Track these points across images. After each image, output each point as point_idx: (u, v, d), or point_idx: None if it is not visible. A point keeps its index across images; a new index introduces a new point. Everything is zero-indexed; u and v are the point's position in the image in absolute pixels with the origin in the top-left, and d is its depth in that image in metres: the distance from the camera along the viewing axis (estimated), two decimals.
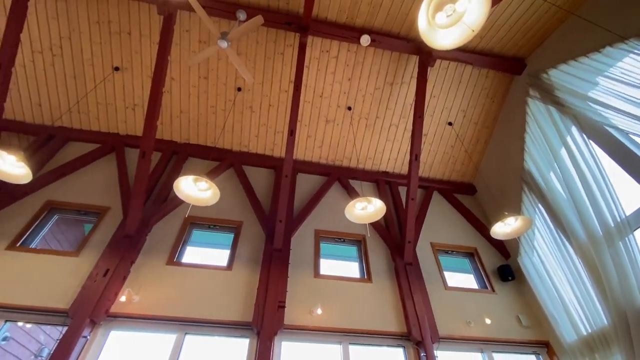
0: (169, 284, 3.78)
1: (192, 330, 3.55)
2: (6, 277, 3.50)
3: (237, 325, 3.60)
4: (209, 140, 5.42)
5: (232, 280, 3.96)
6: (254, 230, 4.59)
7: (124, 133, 5.26)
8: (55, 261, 3.73)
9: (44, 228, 4.22)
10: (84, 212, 4.43)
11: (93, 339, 3.28)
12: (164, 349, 3.37)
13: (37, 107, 5.00)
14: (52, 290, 3.47)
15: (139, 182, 3.99)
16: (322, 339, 3.75)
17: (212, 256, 4.36)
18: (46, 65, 4.74)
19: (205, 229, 4.62)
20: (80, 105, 5.01)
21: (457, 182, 6.05)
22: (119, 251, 3.82)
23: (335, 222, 4.96)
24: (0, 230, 3.89)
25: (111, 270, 3.62)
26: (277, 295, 3.79)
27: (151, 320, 3.50)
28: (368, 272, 4.47)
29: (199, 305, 3.66)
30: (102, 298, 3.39)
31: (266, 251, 4.24)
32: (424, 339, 3.74)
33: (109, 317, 3.41)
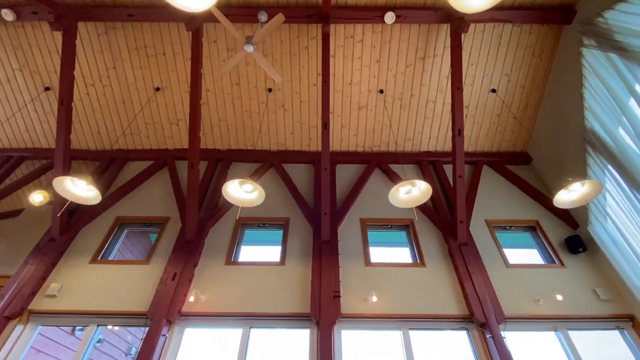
0: (229, 283, 4.04)
1: (255, 324, 3.76)
2: (92, 287, 4.00)
3: (296, 317, 3.75)
4: (248, 143, 5.62)
5: (287, 275, 4.11)
6: (301, 224, 4.70)
7: (172, 147, 5.65)
8: (131, 270, 4.17)
9: (118, 241, 4.73)
10: (148, 224, 4.87)
11: (171, 337, 3.63)
12: (233, 342, 3.62)
13: (97, 135, 5.57)
14: (131, 295, 3.89)
15: (191, 192, 4.28)
16: (381, 326, 3.76)
17: (266, 253, 4.55)
18: (99, 95, 5.24)
19: (255, 228, 4.84)
20: (131, 128, 5.47)
21: (509, 153, 5.63)
22: (183, 256, 4.16)
23: (380, 209, 4.90)
24: (83, 247, 4.44)
25: (178, 274, 3.96)
26: (331, 285, 3.87)
27: (218, 317, 3.77)
28: (420, 256, 4.37)
29: (259, 300, 3.86)
30: (174, 300, 3.73)
31: (315, 244, 4.33)
32: (488, 320, 3.58)
33: (182, 316, 3.74)
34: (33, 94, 5.26)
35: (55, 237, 4.39)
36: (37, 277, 3.98)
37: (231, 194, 3.43)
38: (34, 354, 4.15)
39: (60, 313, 3.81)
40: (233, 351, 3.54)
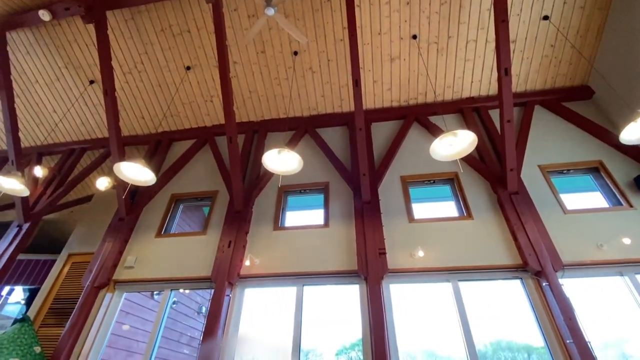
0: (279, 246, 4.29)
1: (308, 282, 4.02)
2: (161, 257, 4.49)
3: (345, 274, 3.92)
4: (281, 112, 5.62)
5: (332, 236, 4.26)
6: (341, 187, 4.74)
7: (210, 124, 5.85)
8: (191, 241, 4.59)
9: (176, 216, 5.18)
10: (199, 198, 5.24)
11: (234, 297, 4.02)
12: (290, 299, 3.93)
13: (142, 120, 5.91)
14: (195, 263, 4.31)
15: (233, 166, 4.47)
16: (430, 279, 3.81)
17: (310, 217, 4.71)
18: (137, 82, 5.48)
19: (297, 194, 4.99)
20: (170, 110, 5.72)
21: (565, 88, 5.02)
22: (234, 225, 4.46)
23: (420, 164, 4.74)
24: (147, 224, 4.93)
25: (233, 242, 4.29)
26: (375, 243, 3.94)
27: (273, 278, 4.08)
28: (467, 209, 4.23)
29: (308, 260, 4.08)
30: (232, 264, 4.08)
31: (356, 205, 4.37)
32: (544, 268, 3.45)
33: (241, 278, 4.09)
34: (80, 88, 5.65)
35: (123, 217, 4.91)
36: (115, 252, 4.55)
37: (270, 164, 3.52)
38: (123, 315, 4.87)
39: (138, 281, 4.37)
40: (290, 306, 3.86)
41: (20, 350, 3.74)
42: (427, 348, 5.52)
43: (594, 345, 3.05)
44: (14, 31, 5.24)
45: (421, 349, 5.13)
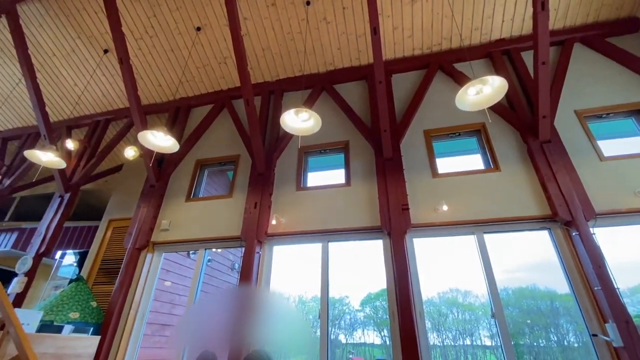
0: (303, 205, 4.39)
1: (332, 238, 4.15)
2: (193, 220, 4.74)
3: (368, 229, 4.00)
4: (296, 69, 5.43)
5: (354, 194, 4.29)
6: (362, 145, 4.66)
7: (226, 88, 5.77)
8: (219, 203, 4.78)
9: (202, 181, 5.36)
10: (222, 163, 5.35)
11: (264, 254, 4.25)
12: (316, 254, 4.10)
13: (159, 88, 5.91)
14: (225, 223, 4.53)
15: (252, 128, 4.46)
16: (454, 232, 3.83)
17: (331, 176, 4.73)
18: (149, 48, 5.39)
19: (317, 154, 4.97)
20: (185, 75, 5.66)
21: (610, 22, 4.47)
22: (258, 187, 4.57)
23: (445, 117, 4.54)
24: (176, 189, 5.15)
25: (258, 203, 4.43)
26: (398, 199, 3.95)
27: (298, 235, 4.23)
28: (494, 161, 4.09)
29: (332, 218, 4.17)
30: (259, 224, 4.25)
31: (378, 163, 4.32)
32: (575, 218, 3.36)
33: (269, 236, 4.28)
34: (96, 59, 5.65)
35: (154, 184, 5.14)
36: (150, 217, 4.84)
37: (289, 124, 3.48)
38: (164, 273, 5.31)
39: (174, 242, 4.68)
40: (317, 260, 4.04)
41: (79, 305, 4.21)
42: (450, 296, 5.72)
43: (622, 292, 3.04)
44: (24, 3, 5.19)
45: (444, 298, 5.32)
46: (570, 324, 3.61)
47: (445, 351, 7.20)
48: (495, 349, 5.81)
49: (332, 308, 3.81)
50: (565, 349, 3.65)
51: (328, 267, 3.99)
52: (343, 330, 8.82)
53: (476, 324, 6.39)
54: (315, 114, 3.35)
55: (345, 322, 8.70)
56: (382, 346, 8.89)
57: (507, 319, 3.29)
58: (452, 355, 6.89)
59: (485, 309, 5.42)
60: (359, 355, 8.69)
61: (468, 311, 6.57)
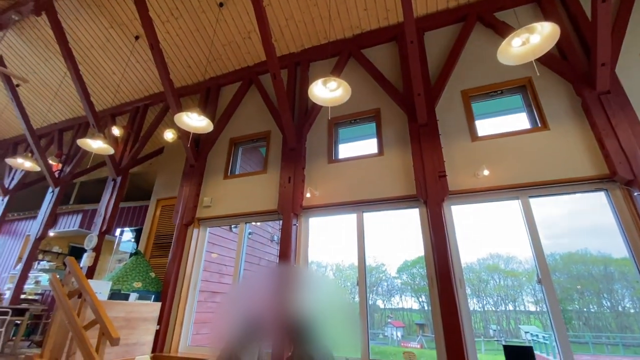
0: (336, 177, 4.40)
1: (367, 209, 4.15)
2: (232, 196, 4.96)
3: (403, 199, 3.94)
4: (321, 37, 5.22)
5: (387, 164, 4.20)
6: (394, 112, 4.48)
7: (252, 63, 5.74)
8: (254, 179, 4.94)
9: (237, 158, 5.54)
10: (255, 139, 5.46)
11: (300, 226, 4.38)
12: (352, 225, 4.15)
13: (189, 69, 6.03)
14: (262, 198, 4.70)
15: (280, 102, 4.45)
16: (496, 197, 3.65)
17: (364, 147, 4.65)
18: (176, 30, 5.45)
19: (348, 125, 4.87)
20: (212, 54, 5.69)
21: None
22: (291, 162, 4.63)
23: (485, 74, 4.18)
24: (214, 167, 5.38)
25: (292, 177, 4.51)
26: (435, 166, 3.80)
27: (333, 207, 4.29)
28: (542, 119, 3.74)
29: (365, 188, 4.15)
30: (294, 197, 4.36)
31: (412, 129, 4.15)
32: (638, 177, 3.03)
33: (304, 209, 4.39)
34: (129, 46, 5.85)
35: (193, 164, 5.41)
36: (193, 195, 5.15)
37: (317, 95, 3.41)
38: (211, 246, 5.70)
39: (216, 217, 4.97)
40: (353, 230, 4.10)
41: (140, 275, 4.70)
42: (491, 263, 5.56)
43: None
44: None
45: (484, 264, 5.18)
46: (627, 290, 3.39)
47: (486, 316, 7.14)
48: (541, 314, 5.67)
49: (369, 275, 3.89)
50: (619, 315, 3.46)
51: (364, 237, 4.03)
52: (380, 296, 9.03)
53: (519, 290, 6.25)
54: (343, 82, 3.25)
55: (383, 288, 8.88)
56: (420, 311, 9.00)
57: (554, 285, 3.16)
58: (494, 320, 6.82)
59: (530, 275, 5.24)
60: (398, 319, 8.89)
61: (511, 277, 6.41)
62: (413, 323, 8.40)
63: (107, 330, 2.70)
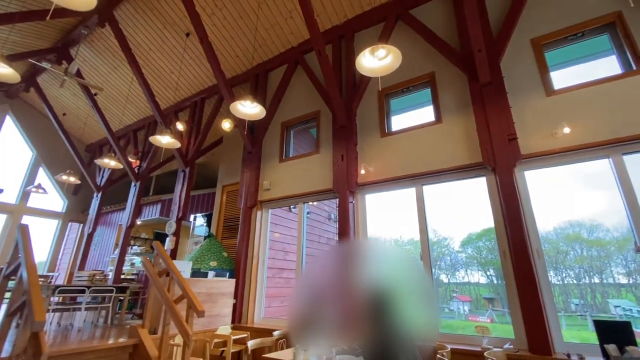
0: (390, 151, 4.26)
1: (426, 181, 3.96)
2: (289, 178, 5.12)
3: (467, 168, 3.67)
4: (364, 3, 4.94)
5: (446, 131, 3.92)
6: (451, 74, 4.12)
7: (296, 44, 5.69)
8: (308, 160, 5.02)
9: (290, 142, 5.65)
10: (305, 121, 5.49)
11: (357, 203, 4.37)
12: (411, 199, 4.02)
13: (237, 59, 6.21)
14: (317, 178, 4.77)
15: (328, 79, 4.37)
16: (580, 158, 3.20)
17: (419, 116, 4.39)
18: (222, 21, 5.61)
19: (399, 95, 4.62)
20: (257, 40, 5.76)
21: None
22: (342, 139, 4.58)
23: (561, 14, 3.59)
24: (270, 152, 5.57)
25: (345, 155, 4.47)
26: (502, 129, 3.45)
27: (390, 182, 4.17)
28: (636, 59, 3.12)
29: (423, 160, 3.95)
30: (349, 175, 4.34)
31: (473, 90, 3.78)
32: None
33: (359, 186, 4.35)
34: (182, 44, 6.19)
35: (250, 150, 5.66)
36: (253, 179, 5.42)
37: (365, 66, 3.26)
38: (274, 226, 6.01)
39: (276, 199, 5.19)
40: (411, 205, 3.97)
41: (215, 255, 5.17)
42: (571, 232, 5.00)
43: None
44: (118, 8, 5.90)
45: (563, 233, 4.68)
46: None
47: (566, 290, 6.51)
48: (635, 287, 4.97)
49: (431, 250, 3.76)
50: None
51: (425, 211, 3.88)
52: (444, 270, 8.74)
53: (606, 261, 5.52)
54: (392, 48, 3.05)
55: (446, 262, 8.56)
56: (488, 285, 8.53)
57: None
58: (575, 294, 6.19)
59: (620, 244, 4.61)
60: (464, 293, 8.56)
61: (596, 247, 5.68)
62: (480, 297, 8.04)
63: (194, 304, 3.04)
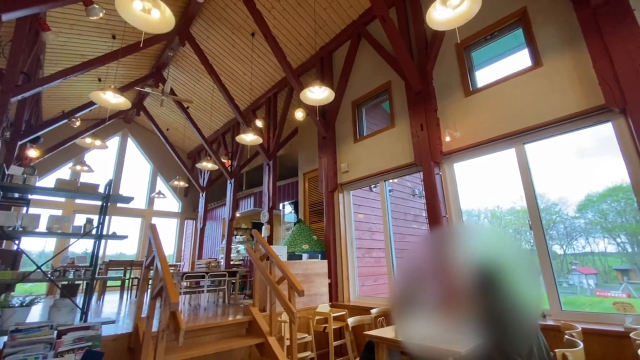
0: (479, 111, 3.77)
1: (528, 139, 3.40)
2: (365, 157, 5.02)
3: (583, 115, 3.01)
4: None
5: (550, 74, 3.27)
6: (547, 4, 3.39)
7: (356, 16, 5.44)
8: (384, 136, 4.82)
9: (363, 120, 5.51)
10: (375, 95, 5.26)
11: (444, 174, 4.03)
12: (511, 161, 3.52)
13: (300, 47, 6.27)
14: (396, 153, 4.56)
15: (395, 45, 4.06)
16: None
17: (510, 64, 3.77)
18: (281, 12, 5.69)
19: (483, 44, 4.02)
20: (317, 22, 5.69)
21: None
22: (420, 107, 4.25)
23: None
24: (343, 133, 5.53)
25: (424, 124, 4.15)
26: (632, 59, 2.70)
27: (481, 146, 3.71)
28: None
29: (522, 114, 3.39)
30: (431, 144, 4.02)
31: (581, 17, 3.04)
32: None
33: (445, 155, 3.99)
34: (249, 44, 6.53)
35: (324, 135, 5.72)
36: (331, 163, 5.49)
37: (437, 20, 2.90)
38: (357, 207, 6.02)
39: (355, 180, 5.16)
40: (511, 170, 3.47)
41: (306, 239, 5.45)
42: None
43: None
44: (193, 25, 6.50)
45: None
46: None
47: None
48: None
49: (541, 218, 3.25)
50: None
51: (530, 173, 3.35)
52: (556, 240, 7.54)
53: None
54: None
55: (559, 231, 7.37)
56: (619, 254, 7.09)
57: None
58: None
59: None
60: (586, 265, 7.28)
61: None
62: (610, 269, 6.73)
63: (294, 284, 3.26)
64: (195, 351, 2.91)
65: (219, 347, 3.08)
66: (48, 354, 2.38)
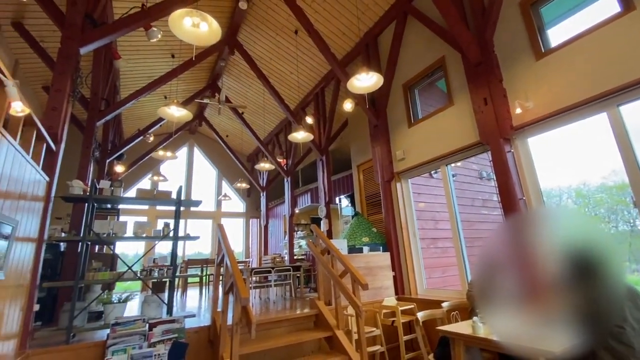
0: (556, 73, 3.26)
1: (624, 100, 2.83)
2: (422, 142, 4.72)
3: None
4: None
5: None
6: None
7: None
8: (442, 116, 4.47)
9: (416, 102, 5.18)
10: (428, 74, 4.90)
11: (517, 151, 3.58)
12: (595, 131, 2.98)
13: (344, 36, 6.13)
14: (458, 133, 4.20)
15: (448, 15, 3.72)
16: None
17: (589, 14, 3.18)
18: (321, 4, 5.61)
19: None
20: (359, 7, 5.49)
21: None
22: (481, 79, 3.83)
23: None
24: (397, 119, 5.27)
25: (488, 97, 3.73)
26: None
27: (560, 115, 3.21)
28: None
29: (614, 70, 2.83)
30: (499, 120, 3.60)
31: None
32: None
33: (516, 130, 3.54)
34: (293, 42, 6.59)
35: (376, 123, 5.52)
36: (385, 152, 5.28)
37: None
38: (417, 196, 5.71)
39: (413, 167, 4.88)
40: (601, 139, 2.93)
41: (365, 232, 5.34)
42: None
43: None
44: (240, 33, 6.77)
45: None
46: None
47: None
48: None
49: None
50: None
51: (629, 141, 2.79)
52: None
53: None
54: None
55: None
56: None
57: None
58: None
59: None
60: None
61: None
62: None
63: (357, 278, 3.20)
64: (267, 343, 3.03)
65: (290, 340, 3.16)
66: (143, 344, 2.68)
